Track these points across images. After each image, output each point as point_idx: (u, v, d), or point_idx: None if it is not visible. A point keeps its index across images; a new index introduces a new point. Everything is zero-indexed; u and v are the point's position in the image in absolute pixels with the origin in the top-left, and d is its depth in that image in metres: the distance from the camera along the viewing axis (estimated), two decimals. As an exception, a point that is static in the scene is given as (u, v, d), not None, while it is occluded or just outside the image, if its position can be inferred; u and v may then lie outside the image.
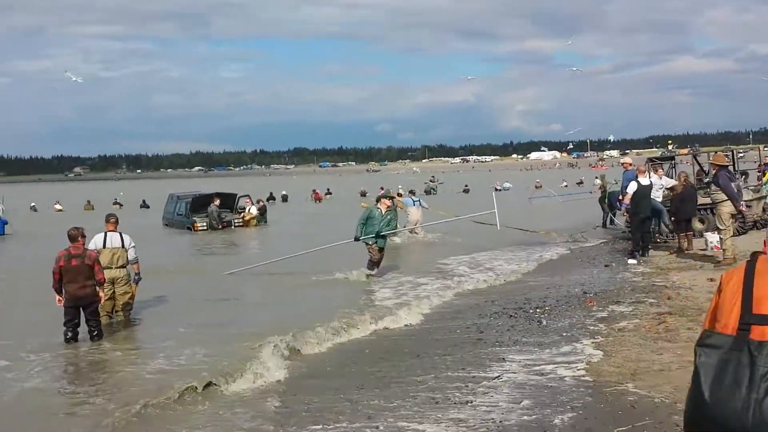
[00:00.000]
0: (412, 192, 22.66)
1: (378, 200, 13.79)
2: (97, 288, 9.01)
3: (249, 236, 24.28)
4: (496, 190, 56.53)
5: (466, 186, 55.06)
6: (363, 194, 50.20)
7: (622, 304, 9.70)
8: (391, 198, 13.96)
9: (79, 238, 9.02)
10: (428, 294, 11.54)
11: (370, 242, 13.26)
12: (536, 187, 51.34)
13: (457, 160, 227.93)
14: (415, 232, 20.37)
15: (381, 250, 13.35)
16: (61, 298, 8.89)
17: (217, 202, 26.14)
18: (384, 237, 13.41)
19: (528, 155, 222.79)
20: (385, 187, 49.87)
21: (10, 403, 6.62)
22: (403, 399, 6.23)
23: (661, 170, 16.64)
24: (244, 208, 27.47)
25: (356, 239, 13.46)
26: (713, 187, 12.66)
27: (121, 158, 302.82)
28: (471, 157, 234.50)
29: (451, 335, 8.73)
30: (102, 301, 9.22)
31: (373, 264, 13.34)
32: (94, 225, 12.02)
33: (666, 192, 15.71)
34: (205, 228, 25.77)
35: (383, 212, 13.40)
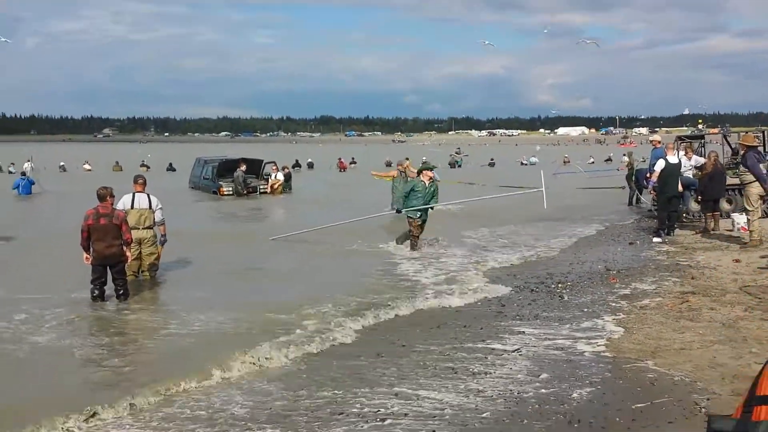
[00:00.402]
0: (426, 167, 22.45)
1: (420, 173, 13.25)
2: (124, 248, 9.15)
3: (275, 203, 24.41)
4: (523, 164, 56.25)
5: (492, 159, 54.69)
6: (388, 165, 50.03)
7: (645, 282, 9.64)
8: (430, 169, 13.28)
9: (108, 198, 9.13)
10: (451, 267, 11.53)
11: (413, 216, 12.89)
12: (564, 162, 50.91)
13: (484, 133, 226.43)
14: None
15: (423, 224, 12.99)
16: (88, 256, 9.04)
17: (244, 167, 26.35)
18: (427, 211, 13.01)
19: (555, 130, 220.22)
20: (410, 158, 50.00)
21: (23, 357, 6.76)
22: (422, 368, 6.27)
23: (690, 151, 16.37)
24: (270, 175, 27.56)
25: (398, 211, 13.11)
26: (742, 167, 12.44)
27: (149, 121, 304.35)
28: (497, 130, 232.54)
29: (471, 308, 8.74)
30: (129, 260, 9.37)
31: (414, 238, 12.91)
32: (122, 186, 12.14)
33: (695, 172, 15.49)
34: (231, 193, 26.00)
35: (426, 184, 12.96)
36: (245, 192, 25.94)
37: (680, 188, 14.03)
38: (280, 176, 27.55)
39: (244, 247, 13.89)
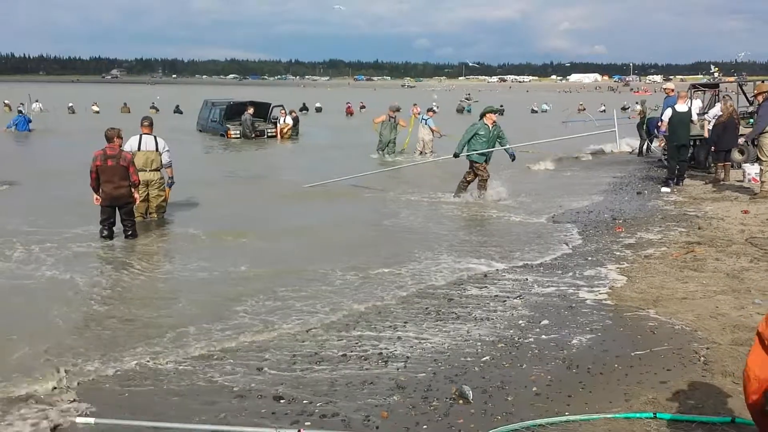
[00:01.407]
0: (430, 109, 22.31)
1: (483, 115, 12.73)
2: (132, 189, 9.19)
3: (285, 148, 24.36)
4: (533, 111, 55.67)
5: (501, 106, 53.82)
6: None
7: (651, 232, 9.63)
8: (493, 112, 12.85)
9: (115, 139, 9.15)
10: (456, 210, 11.56)
11: (478, 160, 12.42)
12: (579, 110, 50.29)
13: (495, 79, 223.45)
14: (424, 152, 20.34)
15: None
16: (98, 197, 9.10)
17: (251, 110, 26.28)
18: (492, 154, 12.67)
19: (567, 77, 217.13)
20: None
21: (25, 292, 6.88)
22: (424, 313, 6.33)
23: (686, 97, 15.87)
24: (278, 119, 27.39)
25: (456, 156, 12.66)
26: (756, 117, 12.27)
27: (158, 62, 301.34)
28: (508, 76, 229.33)
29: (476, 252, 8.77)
30: (136, 202, 9.43)
31: (483, 182, 12.47)
32: (130, 127, 12.13)
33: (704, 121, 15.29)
34: (238, 136, 25.98)
35: (490, 128, 12.51)
36: (253, 135, 25.90)
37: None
38: (289, 120, 27.42)
39: (255, 192, 13.93)
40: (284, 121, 27.15)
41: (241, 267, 7.87)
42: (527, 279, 7.45)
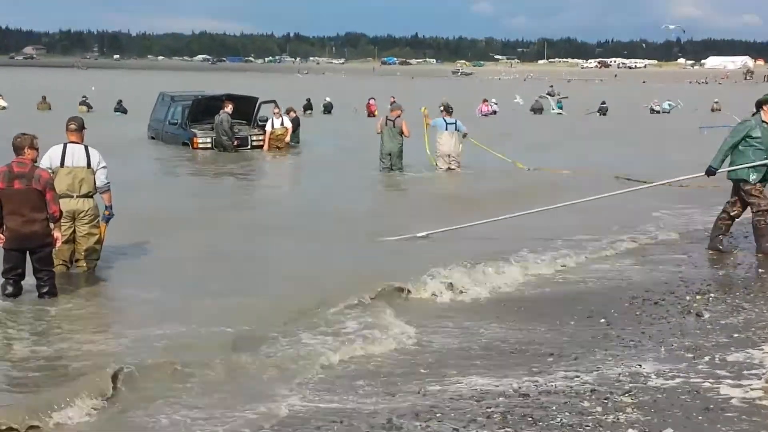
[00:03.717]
0: (447, 110, 22.55)
1: (759, 106, 12.05)
2: (50, 225, 9.30)
3: (278, 163, 24.57)
4: (653, 111, 55.66)
5: (603, 104, 54.09)
6: (446, 109, 49.71)
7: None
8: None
9: (27, 150, 9.21)
10: (524, 258, 11.67)
11: (749, 178, 11.85)
12: (713, 110, 50.20)
13: (592, 63, 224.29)
14: (450, 167, 21.86)
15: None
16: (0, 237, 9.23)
17: (230, 108, 26.22)
18: None
19: (702, 61, 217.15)
20: (488, 98, 49.81)
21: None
22: (484, 416, 6.35)
23: None
24: (268, 121, 27.50)
25: (710, 173, 12.18)
26: None
27: (92, 36, 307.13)
28: (613, 59, 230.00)
29: (563, 327, 8.81)
30: (57, 243, 9.52)
31: (761, 215, 11.80)
32: (51, 132, 12.37)
33: None
34: (209, 145, 26.19)
35: None
36: (233, 144, 26.16)
37: None
38: (287, 123, 27.44)
39: (233, 229, 14.08)
40: (280, 124, 27.19)
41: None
42: (641, 365, 7.42)
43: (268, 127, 27.13)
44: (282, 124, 27.32)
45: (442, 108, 22.85)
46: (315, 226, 14.17)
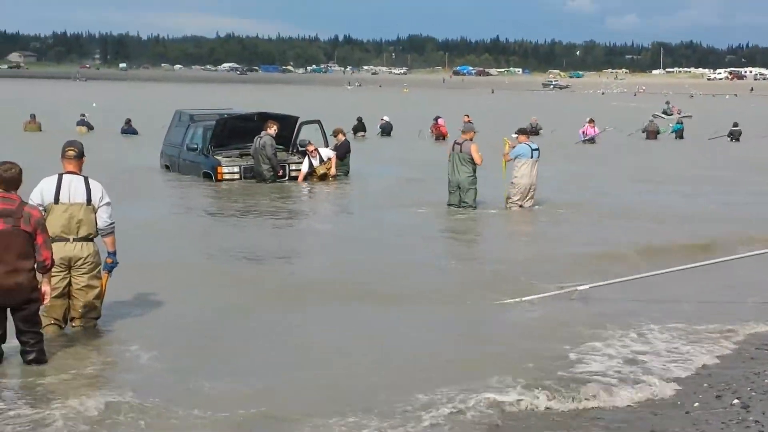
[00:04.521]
0: (524, 131, 22.36)
1: None
2: (39, 275, 9.30)
3: (322, 201, 24.46)
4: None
5: (735, 126, 53.31)
6: (533, 130, 49.67)
7: None
8: None
9: (12, 183, 9.22)
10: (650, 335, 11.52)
11: None
12: None
13: (721, 73, 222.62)
14: (522, 204, 21.81)
15: None
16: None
17: (274, 129, 26.15)
18: None
19: None
20: (592, 119, 49.42)
21: None
22: None
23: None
24: (308, 144, 27.26)
25: None
26: None
27: (92, 40, 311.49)
28: (748, 69, 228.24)
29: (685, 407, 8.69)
30: (46, 299, 9.51)
31: None
32: (42, 159, 12.39)
33: None
34: (236, 176, 26.17)
35: None
36: (280, 174, 26.26)
37: None
38: (327, 153, 27.25)
39: (269, 280, 13.98)
40: (319, 162, 27.01)
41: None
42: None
43: (304, 168, 26.97)
44: (321, 161, 27.09)
45: (516, 133, 22.55)
46: (381, 284, 14.04)
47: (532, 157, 21.73)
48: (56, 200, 10.35)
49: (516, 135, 22.53)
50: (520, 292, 13.21)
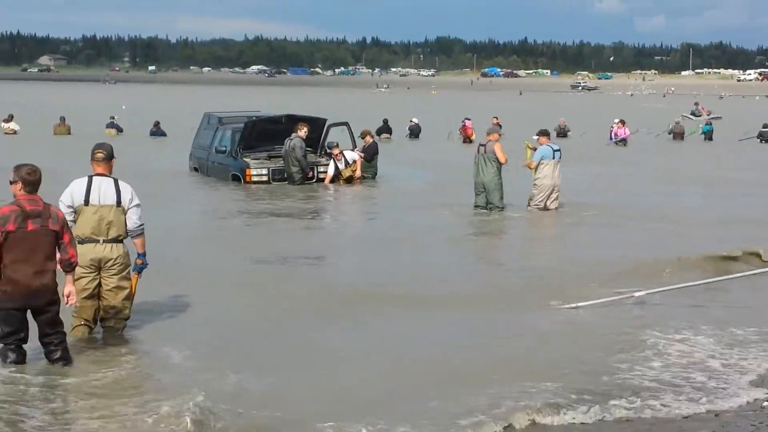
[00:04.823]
0: (544, 133, 22.34)
1: None
2: (66, 273, 9.33)
3: (350, 203, 24.47)
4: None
5: (766, 127, 52.85)
6: (561, 132, 49.50)
7: None
8: None
9: (36, 186, 9.25)
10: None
11: None
12: None
13: (751, 74, 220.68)
14: (548, 206, 21.81)
15: None
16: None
17: (304, 131, 26.18)
18: None
19: None
20: (623, 119, 49.09)
21: None
22: None
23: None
24: (333, 147, 27.18)
25: None
26: None
27: (122, 43, 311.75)
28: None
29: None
30: (72, 298, 9.52)
31: None
32: (71, 161, 12.47)
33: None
34: (265, 178, 26.17)
35: None
36: (309, 175, 26.33)
37: None
38: (353, 155, 27.19)
39: (308, 288, 14.07)
40: (344, 165, 27.01)
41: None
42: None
43: (330, 171, 26.95)
44: (346, 164, 27.04)
45: (537, 135, 22.55)
46: (422, 288, 14.04)
47: (554, 158, 21.74)
48: (86, 202, 10.39)
49: (537, 137, 22.59)
50: (570, 297, 13.12)
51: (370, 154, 28.18)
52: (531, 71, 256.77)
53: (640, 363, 10.29)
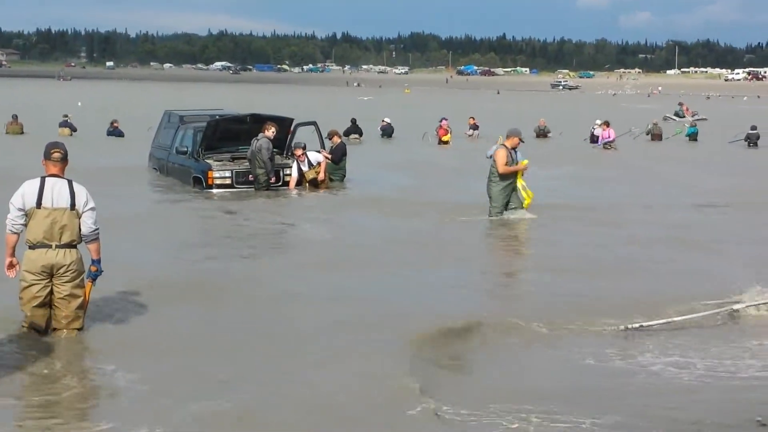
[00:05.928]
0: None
1: None
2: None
3: (316, 208, 24.29)
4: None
5: (754, 129, 52.96)
6: (542, 132, 49.80)
7: None
8: None
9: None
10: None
11: None
12: None
13: (740, 74, 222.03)
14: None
15: None
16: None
17: (272, 131, 25.92)
18: None
19: None
20: (607, 121, 49.39)
21: None
22: None
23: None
24: (297, 148, 26.76)
25: None
26: None
27: (78, 37, 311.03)
28: (765, 69, 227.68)
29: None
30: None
31: None
32: (23, 163, 12.36)
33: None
34: (228, 181, 25.86)
35: None
36: (271, 180, 25.94)
37: None
38: (317, 157, 26.89)
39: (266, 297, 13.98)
40: (308, 166, 26.77)
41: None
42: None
43: (294, 174, 26.76)
44: (310, 165, 26.80)
45: (504, 138, 21.76)
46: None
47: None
48: (39, 205, 10.37)
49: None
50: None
51: (338, 156, 28.09)
52: (509, 69, 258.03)
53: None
